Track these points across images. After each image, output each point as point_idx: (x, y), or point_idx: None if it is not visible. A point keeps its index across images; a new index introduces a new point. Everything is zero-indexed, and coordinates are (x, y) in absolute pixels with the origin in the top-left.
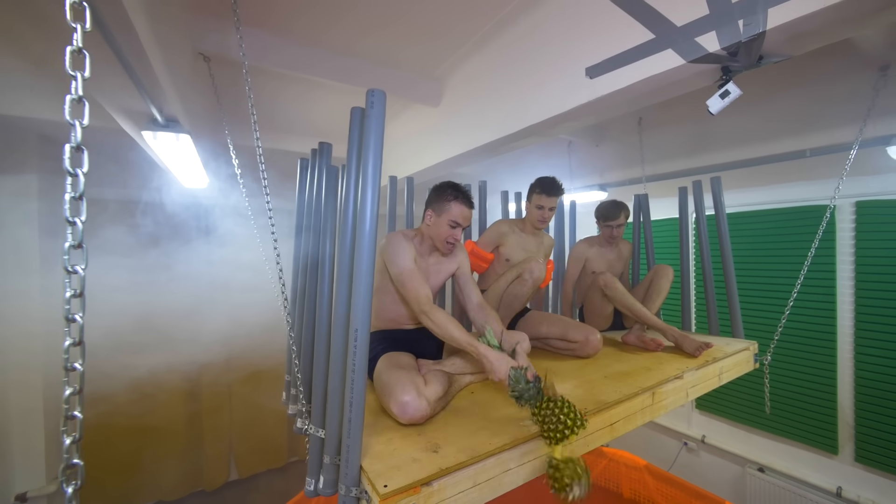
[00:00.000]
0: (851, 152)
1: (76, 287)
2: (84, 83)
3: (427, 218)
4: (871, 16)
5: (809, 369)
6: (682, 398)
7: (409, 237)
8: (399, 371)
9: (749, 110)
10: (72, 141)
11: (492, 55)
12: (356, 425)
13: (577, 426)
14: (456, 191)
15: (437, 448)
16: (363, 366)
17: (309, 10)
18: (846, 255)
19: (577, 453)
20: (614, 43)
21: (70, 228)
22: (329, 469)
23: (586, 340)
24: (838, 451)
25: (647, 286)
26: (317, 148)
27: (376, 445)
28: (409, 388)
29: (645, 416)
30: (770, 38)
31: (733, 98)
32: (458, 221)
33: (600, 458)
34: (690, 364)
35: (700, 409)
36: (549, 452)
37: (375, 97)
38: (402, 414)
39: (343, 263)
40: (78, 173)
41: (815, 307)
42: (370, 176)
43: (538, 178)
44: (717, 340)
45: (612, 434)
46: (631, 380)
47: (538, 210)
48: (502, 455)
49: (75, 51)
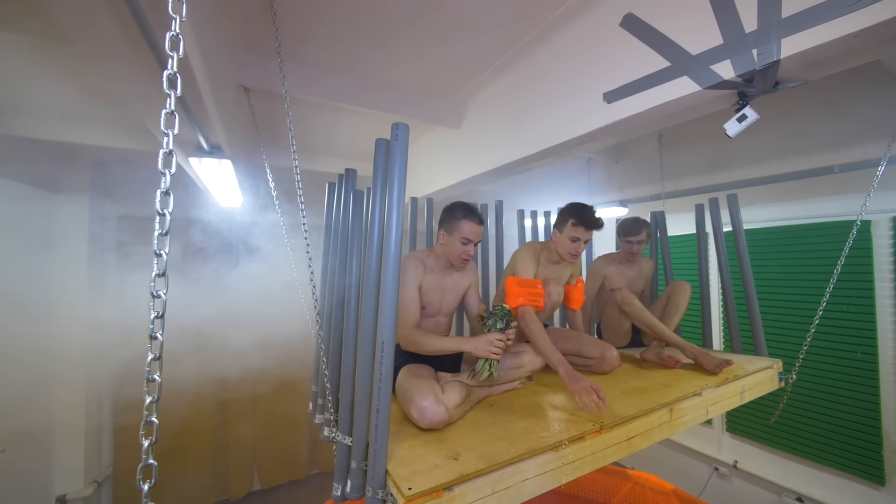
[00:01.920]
0: (880, 168)
1: (159, 309)
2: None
3: (440, 237)
4: (886, 44)
5: (850, 392)
6: (701, 415)
7: (422, 259)
8: (419, 380)
9: (773, 128)
10: (161, 186)
11: (512, 80)
12: (382, 431)
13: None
14: (465, 209)
15: (458, 455)
16: (389, 375)
17: (341, 45)
18: (885, 271)
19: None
20: (631, 69)
21: (156, 259)
22: (356, 474)
23: (602, 357)
24: (885, 482)
25: (665, 302)
26: (343, 173)
27: (400, 452)
28: (428, 394)
29: (663, 431)
30: (785, 65)
31: (750, 122)
32: (469, 238)
33: (625, 482)
34: (710, 381)
35: (731, 431)
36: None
37: (399, 130)
38: (422, 418)
39: (370, 281)
40: (165, 213)
41: (852, 326)
42: (395, 202)
43: (575, 206)
44: (739, 358)
45: (629, 449)
46: (648, 396)
47: (572, 243)
48: (520, 464)
49: (168, 112)
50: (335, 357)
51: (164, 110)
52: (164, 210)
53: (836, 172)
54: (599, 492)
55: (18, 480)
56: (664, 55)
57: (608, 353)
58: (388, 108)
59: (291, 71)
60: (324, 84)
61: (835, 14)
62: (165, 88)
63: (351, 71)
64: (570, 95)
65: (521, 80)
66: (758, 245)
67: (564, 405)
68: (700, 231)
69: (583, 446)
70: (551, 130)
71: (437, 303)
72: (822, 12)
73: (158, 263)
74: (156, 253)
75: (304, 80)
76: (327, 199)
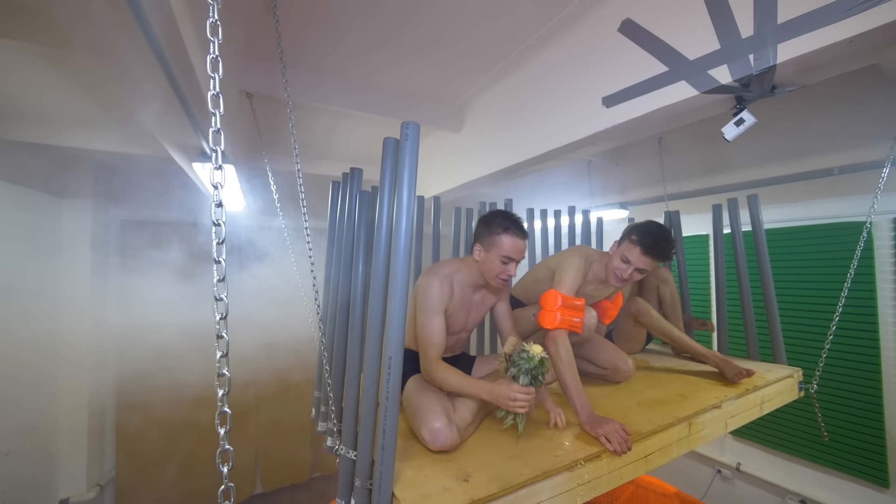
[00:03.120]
0: (885, 170)
1: (222, 311)
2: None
3: (476, 253)
4: (882, 49)
5: (852, 394)
6: (720, 429)
7: (449, 277)
8: (430, 395)
9: (772, 131)
10: (215, 199)
11: (512, 85)
12: (389, 452)
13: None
14: (507, 220)
15: (468, 477)
16: (396, 393)
17: (341, 51)
18: (886, 272)
19: (608, 485)
20: (629, 74)
21: (215, 266)
22: (360, 493)
23: (616, 369)
24: (889, 485)
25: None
26: (348, 172)
27: (407, 471)
28: (441, 415)
29: (682, 447)
30: (781, 70)
31: (748, 126)
32: (511, 256)
33: (628, 485)
34: (729, 392)
35: (734, 434)
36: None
37: (410, 129)
38: (433, 441)
39: (377, 289)
40: (220, 223)
41: (854, 328)
42: (405, 204)
43: (648, 224)
44: (757, 367)
45: (646, 467)
46: (666, 408)
47: (622, 263)
48: (534, 486)
49: (216, 131)
50: (339, 366)
51: (211, 128)
52: (218, 220)
53: (836, 174)
54: (602, 495)
55: (21, 483)
56: (662, 60)
57: (623, 364)
58: (388, 113)
59: (292, 76)
60: (324, 88)
61: (829, 20)
62: (210, 108)
63: (352, 75)
64: (570, 99)
65: (521, 85)
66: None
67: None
68: (717, 232)
69: (599, 465)
70: (551, 134)
71: (461, 322)
72: (816, 18)
73: (218, 269)
74: (215, 260)
75: (304, 85)
76: (331, 198)
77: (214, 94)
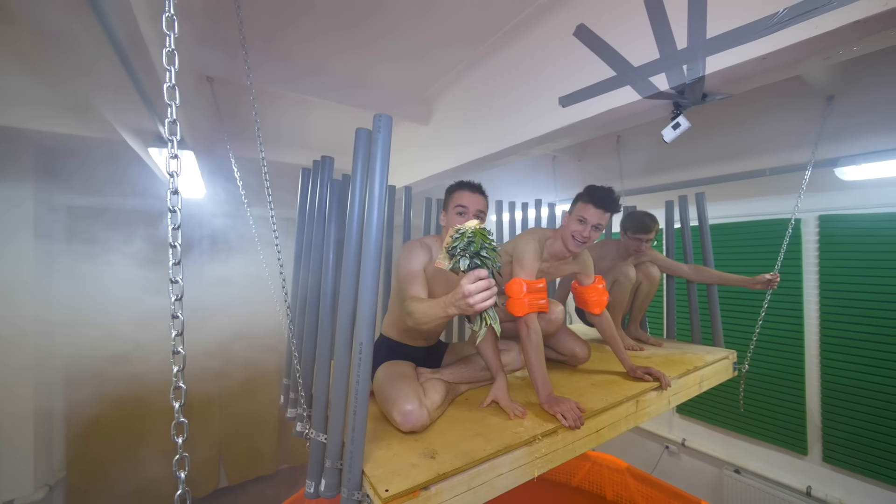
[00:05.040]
0: (806, 172)
1: (178, 293)
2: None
3: (441, 220)
4: (793, 65)
5: (779, 373)
6: (664, 405)
7: (427, 244)
8: (402, 381)
9: (712, 134)
10: (171, 187)
11: (476, 81)
12: (359, 433)
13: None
14: (457, 183)
15: (435, 454)
16: (367, 377)
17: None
18: (811, 264)
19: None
20: (583, 76)
21: (171, 250)
22: (331, 473)
23: (574, 355)
24: (808, 452)
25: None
26: (318, 160)
27: (376, 451)
28: (412, 398)
29: (629, 422)
30: (710, 80)
31: (684, 129)
32: (464, 204)
33: (584, 461)
34: (672, 372)
35: (680, 413)
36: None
37: (382, 122)
38: (405, 422)
39: (348, 277)
40: (176, 210)
41: (783, 314)
42: (377, 195)
43: (591, 186)
44: (698, 349)
45: (597, 440)
46: (616, 388)
47: (578, 224)
48: (495, 461)
49: (171, 122)
50: (309, 353)
51: (167, 119)
52: (174, 207)
53: (768, 175)
54: (561, 472)
55: None
56: (611, 65)
57: (580, 352)
58: (357, 103)
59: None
60: (289, 75)
61: (747, 39)
62: (166, 99)
63: (318, 63)
64: (529, 98)
65: (485, 81)
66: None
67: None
68: (669, 226)
69: (555, 440)
70: (511, 130)
71: (443, 291)
72: (737, 36)
73: (174, 253)
74: (171, 244)
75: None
76: (301, 186)
77: (170, 85)
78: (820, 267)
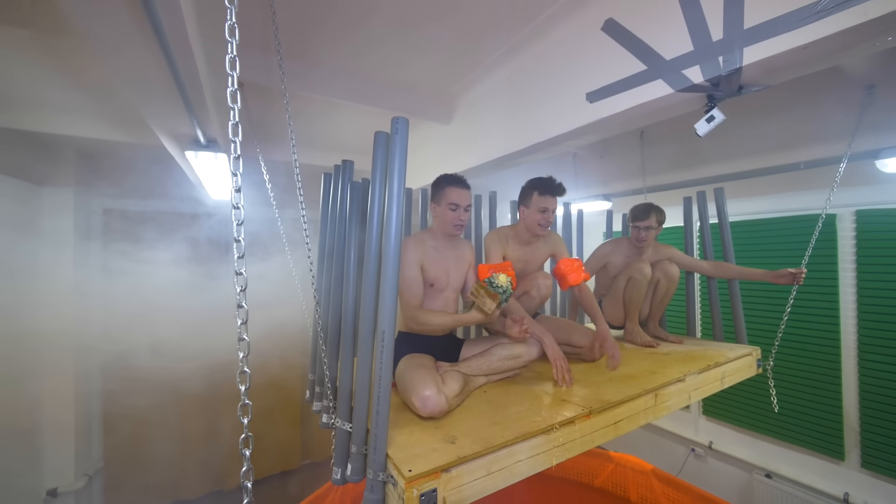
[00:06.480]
0: (841, 165)
1: (242, 284)
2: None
3: (432, 210)
4: (837, 54)
5: (814, 375)
6: (684, 400)
7: (420, 239)
8: (421, 370)
9: (743, 127)
10: (234, 185)
11: (500, 78)
12: (383, 417)
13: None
14: (448, 178)
15: (455, 440)
16: (389, 364)
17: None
18: (848, 261)
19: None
20: (612, 71)
21: (235, 245)
22: (356, 458)
23: (591, 347)
24: (845, 457)
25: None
26: (340, 164)
27: (399, 437)
28: (431, 384)
29: (648, 416)
30: (747, 72)
31: (718, 122)
32: (456, 202)
33: (607, 463)
34: (693, 368)
35: (707, 414)
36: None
37: (400, 124)
38: (423, 407)
39: (370, 274)
40: (240, 207)
41: (817, 313)
42: (395, 195)
43: (536, 179)
44: (720, 346)
45: (615, 432)
46: (635, 382)
47: (542, 213)
48: (513, 447)
49: (234, 124)
50: (333, 348)
51: (230, 122)
52: (237, 204)
53: (802, 169)
54: (583, 473)
55: (7, 474)
56: (641, 59)
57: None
58: (379, 104)
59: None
60: (312, 77)
61: (787, 28)
62: (229, 103)
63: (343, 67)
64: (555, 94)
65: (510, 79)
66: (733, 238)
67: (556, 392)
68: (687, 223)
69: (572, 430)
70: (537, 126)
71: (443, 278)
72: (776, 25)
73: (238, 248)
74: (235, 239)
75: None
76: (323, 189)
77: (233, 90)
78: (857, 264)
